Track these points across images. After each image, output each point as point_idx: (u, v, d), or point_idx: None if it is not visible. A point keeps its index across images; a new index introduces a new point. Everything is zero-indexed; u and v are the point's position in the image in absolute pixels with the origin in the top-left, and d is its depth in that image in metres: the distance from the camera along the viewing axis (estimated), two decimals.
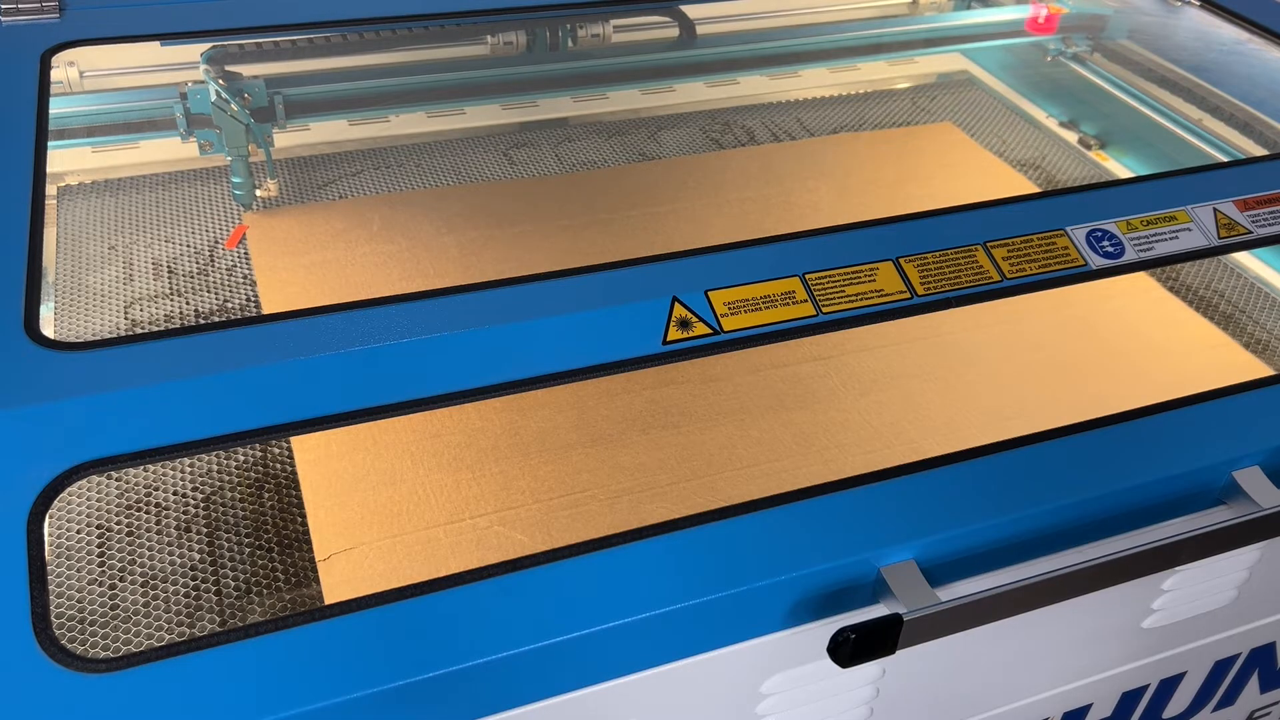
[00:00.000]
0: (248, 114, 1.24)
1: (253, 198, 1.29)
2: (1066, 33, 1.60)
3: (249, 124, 1.24)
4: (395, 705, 0.62)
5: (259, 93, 1.27)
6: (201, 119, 1.27)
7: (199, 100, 1.25)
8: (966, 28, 1.65)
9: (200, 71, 1.26)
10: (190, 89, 1.25)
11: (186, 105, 1.26)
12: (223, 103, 1.22)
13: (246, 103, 1.25)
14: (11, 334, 0.76)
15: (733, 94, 1.60)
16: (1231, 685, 1.02)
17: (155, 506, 0.92)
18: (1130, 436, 0.80)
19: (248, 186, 1.28)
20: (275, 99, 1.28)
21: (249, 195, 1.28)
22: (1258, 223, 0.98)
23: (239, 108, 1.23)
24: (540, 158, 1.43)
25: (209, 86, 1.24)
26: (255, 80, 1.28)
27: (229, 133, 1.25)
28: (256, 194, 1.29)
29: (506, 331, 0.79)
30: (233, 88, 1.24)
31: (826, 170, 1.42)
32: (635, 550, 0.69)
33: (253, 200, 1.29)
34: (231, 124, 1.24)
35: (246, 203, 1.28)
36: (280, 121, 1.30)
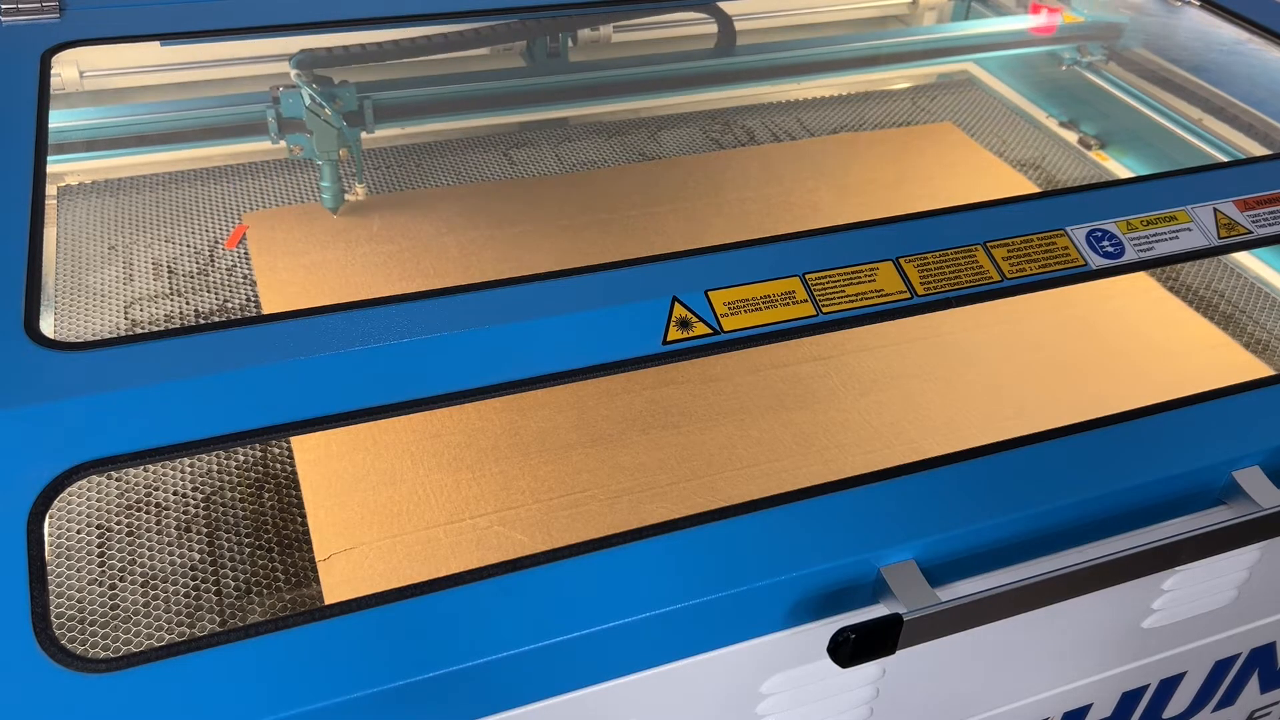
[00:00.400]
0: (340, 118, 1.24)
1: (340, 201, 1.29)
2: (1080, 40, 1.60)
3: (341, 128, 1.24)
4: (395, 705, 0.62)
5: (350, 97, 1.28)
6: (293, 123, 1.28)
7: (291, 104, 1.26)
8: (980, 37, 1.64)
9: (292, 76, 1.27)
10: (283, 93, 1.26)
11: (278, 109, 1.26)
12: (317, 107, 1.23)
13: (338, 107, 1.25)
14: (11, 334, 0.76)
15: (733, 94, 1.60)
16: (1231, 685, 1.02)
17: (155, 506, 0.92)
18: (1130, 436, 0.80)
19: (336, 190, 1.28)
20: (365, 103, 1.29)
21: (337, 199, 1.28)
22: (1258, 223, 0.98)
23: (333, 112, 1.23)
24: (540, 158, 1.43)
25: (302, 91, 1.25)
26: (346, 85, 1.29)
27: (321, 137, 1.25)
28: (345, 198, 1.29)
29: (506, 331, 0.79)
30: (326, 92, 1.25)
31: (826, 170, 1.42)
32: (635, 550, 0.69)
33: (340, 204, 1.28)
34: (324, 128, 1.24)
35: (334, 206, 1.28)
36: (369, 126, 1.30)
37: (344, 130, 1.25)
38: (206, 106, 1.32)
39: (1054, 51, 1.62)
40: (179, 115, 1.31)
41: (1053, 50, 1.62)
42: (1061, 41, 1.62)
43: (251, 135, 1.32)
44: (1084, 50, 1.59)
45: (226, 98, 1.33)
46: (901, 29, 1.75)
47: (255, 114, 1.29)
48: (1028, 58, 1.66)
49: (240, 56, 1.44)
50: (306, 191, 1.34)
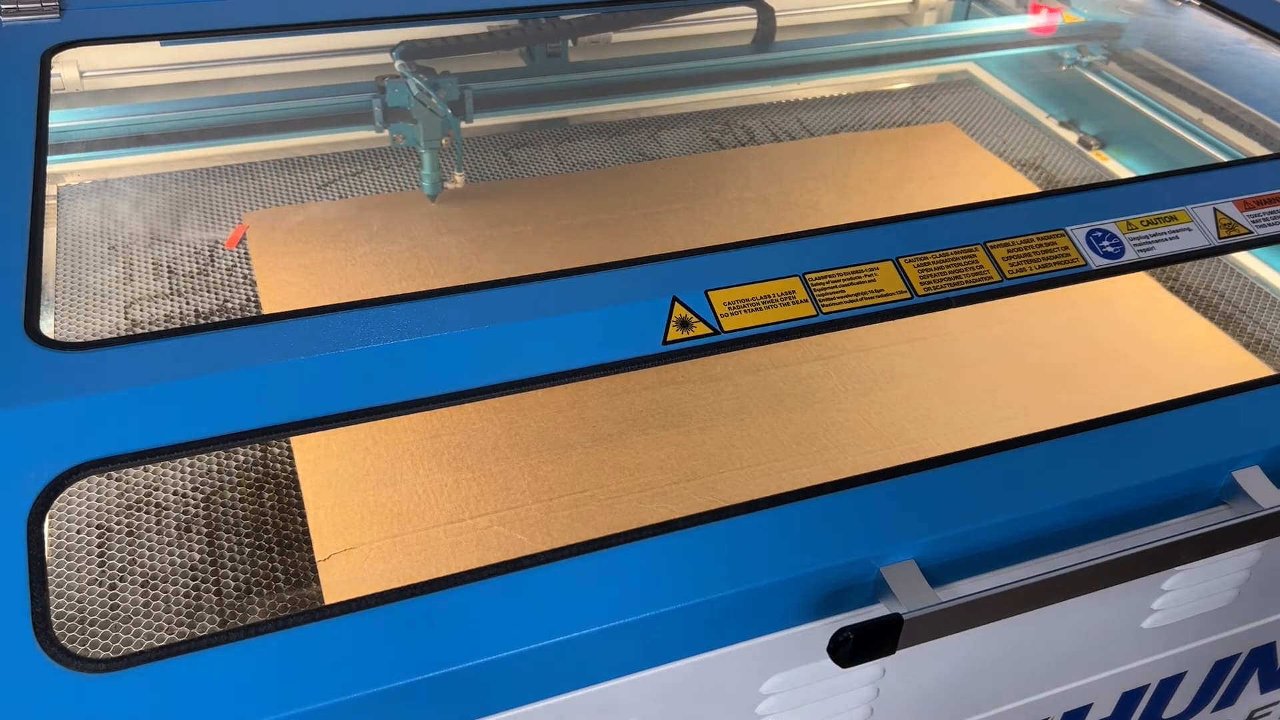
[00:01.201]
0: (446, 107, 1.26)
1: (440, 188, 1.31)
2: (1081, 40, 1.60)
3: (447, 116, 1.26)
4: (395, 705, 0.62)
5: (452, 87, 1.29)
6: (397, 113, 1.30)
7: (397, 94, 1.28)
8: (980, 37, 1.64)
9: (396, 67, 1.30)
10: (389, 83, 1.28)
11: (384, 99, 1.28)
12: (424, 96, 1.24)
13: (441, 96, 1.27)
14: (11, 334, 0.76)
15: (733, 94, 1.60)
16: (1231, 685, 1.02)
17: (155, 506, 0.92)
18: (1130, 436, 0.80)
19: (436, 178, 1.30)
20: (465, 93, 1.31)
21: (437, 186, 1.30)
22: (1258, 223, 0.98)
23: (439, 101, 1.25)
24: (540, 158, 1.43)
25: (408, 81, 1.26)
26: (449, 75, 1.31)
27: (427, 126, 1.26)
28: (445, 185, 1.31)
29: (506, 331, 0.79)
30: (431, 82, 1.27)
31: (826, 170, 1.42)
32: (635, 550, 0.69)
33: (438, 191, 1.31)
34: (430, 117, 1.26)
35: (434, 193, 1.30)
36: (469, 115, 1.32)
37: (449, 119, 1.26)
38: (295, 98, 1.35)
39: (1054, 51, 1.62)
40: (233, 110, 1.33)
41: (1053, 50, 1.62)
42: (1061, 41, 1.61)
43: (354, 125, 1.34)
44: (1084, 50, 1.59)
45: (326, 88, 1.36)
46: (902, 29, 1.74)
47: (360, 104, 1.32)
48: (1028, 58, 1.66)
49: (240, 56, 1.44)
50: (307, 191, 1.34)
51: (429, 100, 1.24)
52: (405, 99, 1.28)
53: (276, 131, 1.35)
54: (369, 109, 1.31)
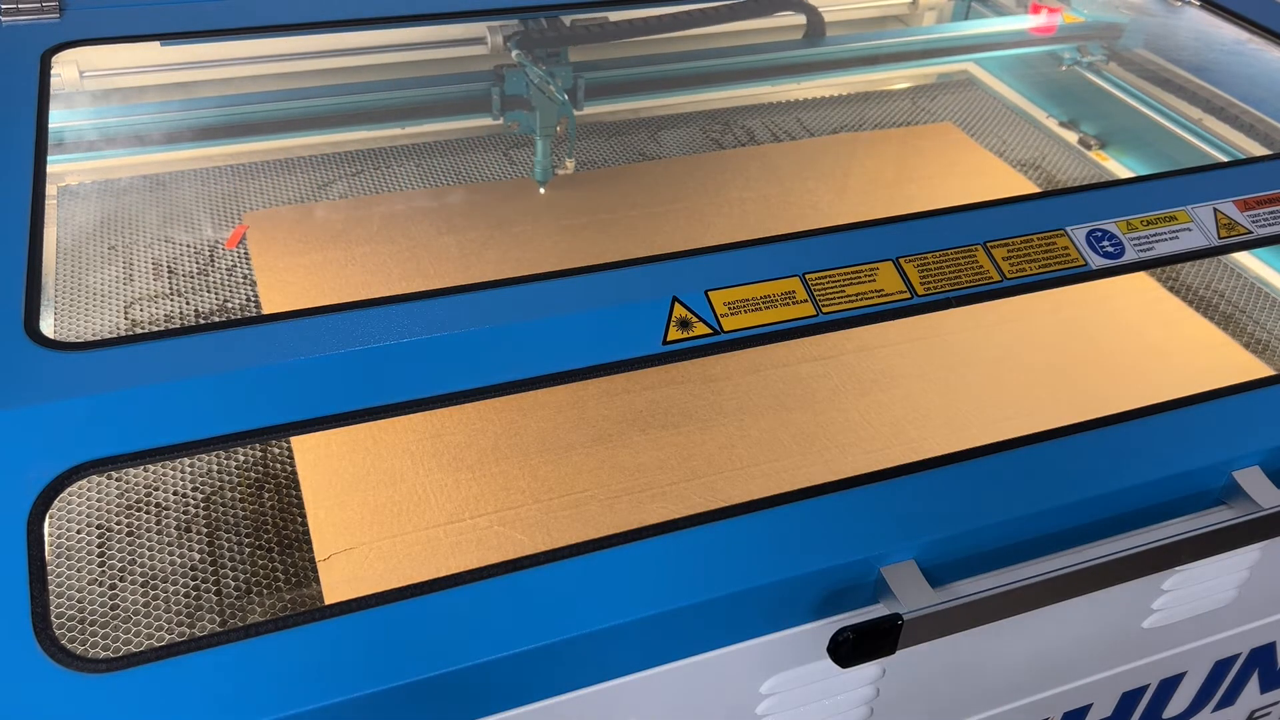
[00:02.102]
0: (563, 94, 1.28)
1: (550, 174, 1.33)
2: (1081, 40, 1.59)
3: (564, 103, 1.28)
4: (395, 705, 0.62)
5: (567, 76, 1.32)
6: (515, 100, 1.33)
7: (515, 82, 1.32)
8: (980, 37, 1.64)
9: (513, 56, 1.34)
10: (508, 72, 1.32)
11: (502, 88, 1.32)
12: (544, 84, 1.27)
13: (558, 85, 1.29)
14: (11, 334, 0.76)
15: (732, 94, 1.60)
16: (1231, 685, 1.02)
17: (155, 506, 0.92)
18: (1130, 436, 0.80)
19: (547, 164, 1.33)
20: (579, 82, 1.34)
21: (548, 172, 1.33)
22: (1258, 223, 0.98)
23: (556, 88, 1.27)
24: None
25: (526, 70, 1.30)
26: (563, 65, 1.34)
27: (544, 113, 1.29)
28: (555, 171, 1.34)
29: (506, 331, 0.79)
30: (549, 71, 1.29)
31: (826, 170, 1.42)
32: (635, 550, 0.69)
33: (549, 177, 1.33)
34: (548, 105, 1.28)
35: (544, 179, 1.33)
36: (580, 103, 1.35)
37: (565, 106, 1.28)
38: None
39: (1054, 51, 1.61)
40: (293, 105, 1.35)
41: (1053, 50, 1.61)
42: (1062, 41, 1.61)
43: (466, 113, 1.38)
44: (1084, 50, 1.59)
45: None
46: (902, 29, 1.74)
47: (478, 91, 1.35)
48: (1028, 58, 1.66)
49: (240, 56, 1.44)
50: (307, 191, 1.34)
51: (547, 88, 1.26)
52: (523, 87, 1.31)
53: (280, 131, 1.36)
54: (372, 109, 1.32)
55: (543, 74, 1.28)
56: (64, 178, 1.32)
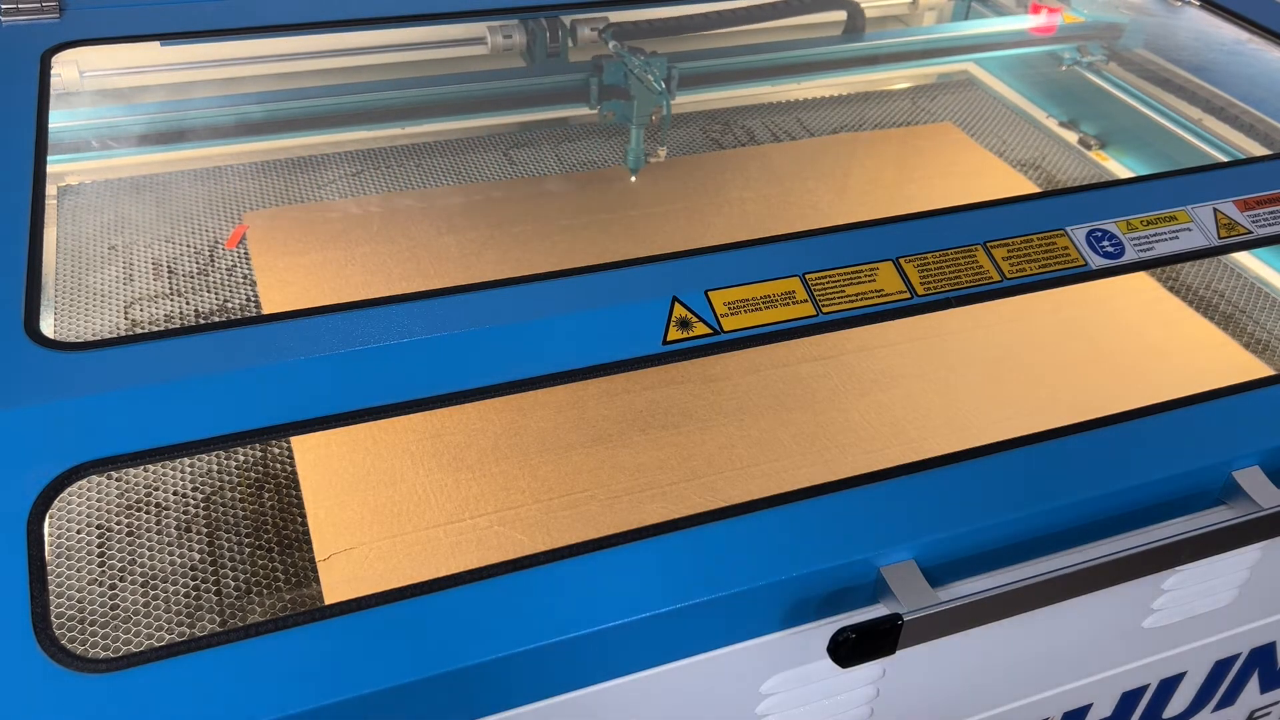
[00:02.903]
0: (661, 84, 1.31)
1: (643, 163, 1.36)
2: (1081, 40, 1.60)
3: (663, 93, 1.31)
4: (396, 705, 0.62)
5: (662, 66, 1.35)
6: (612, 90, 1.37)
7: (613, 73, 1.36)
8: (980, 37, 1.64)
9: (610, 47, 1.39)
10: (607, 63, 1.36)
11: (600, 78, 1.36)
12: (642, 74, 1.31)
13: (655, 74, 1.32)
14: (11, 334, 0.76)
15: (732, 94, 1.60)
16: (1231, 685, 1.02)
17: (155, 506, 0.92)
18: (1130, 436, 0.80)
19: (640, 152, 1.36)
20: (673, 72, 1.37)
21: (640, 160, 1.36)
22: (1258, 223, 0.98)
23: (654, 78, 1.30)
24: (540, 158, 1.43)
25: (625, 60, 1.34)
26: (658, 56, 1.37)
27: (641, 102, 1.32)
28: (647, 160, 1.37)
29: (506, 331, 0.79)
30: (646, 62, 1.34)
31: (826, 170, 1.42)
32: (635, 550, 0.69)
33: (641, 165, 1.36)
34: (646, 94, 1.31)
35: (636, 167, 1.36)
36: (672, 93, 1.37)
37: (662, 95, 1.31)
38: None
39: (1054, 51, 1.62)
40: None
41: (1053, 50, 1.61)
42: (1062, 41, 1.61)
43: (563, 104, 1.42)
44: (1084, 50, 1.59)
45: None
46: (902, 29, 1.74)
47: (575, 83, 1.39)
48: (1028, 58, 1.66)
49: (240, 56, 1.44)
50: (307, 191, 1.34)
51: (646, 78, 1.29)
52: (620, 77, 1.35)
53: (284, 131, 1.37)
54: (464, 99, 1.35)
55: (641, 64, 1.32)
56: (64, 178, 1.32)
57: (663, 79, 1.33)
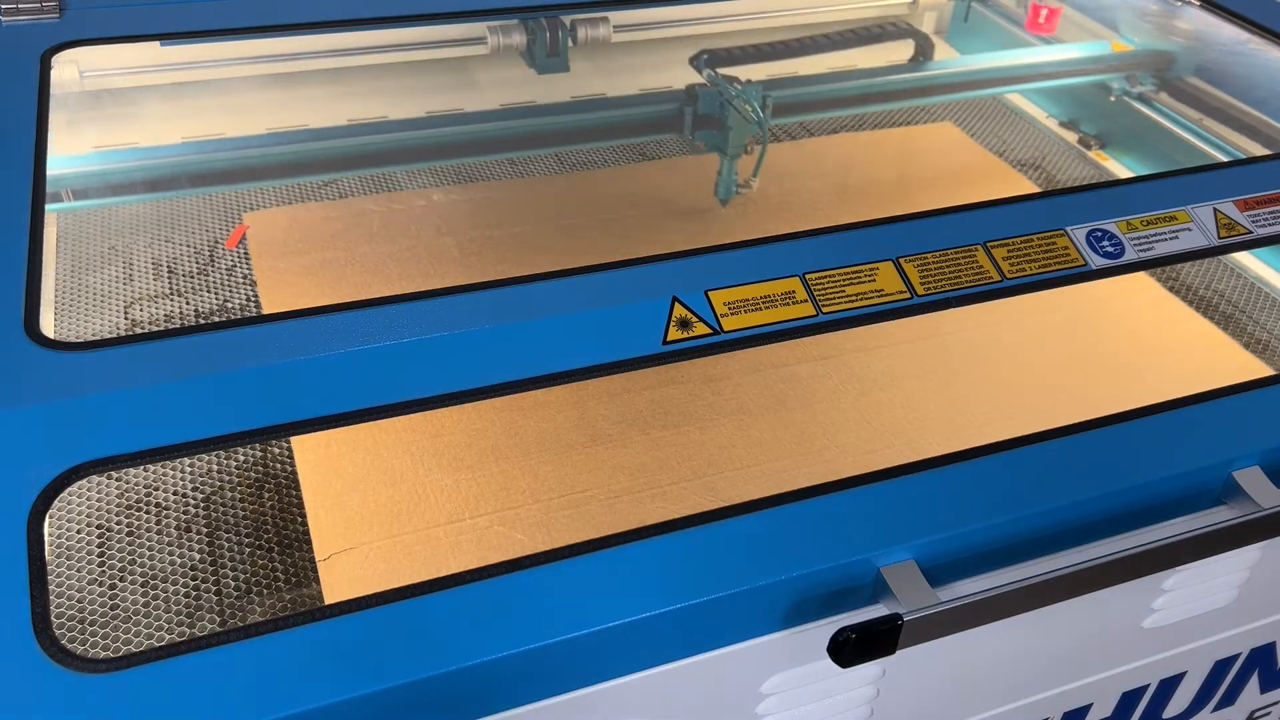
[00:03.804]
0: (758, 113, 1.27)
1: (733, 193, 1.33)
2: (1131, 70, 1.51)
3: (760, 122, 1.27)
4: (395, 705, 0.62)
5: (756, 94, 1.30)
6: (706, 120, 1.32)
7: (708, 102, 1.31)
8: (1026, 67, 1.55)
9: (703, 76, 1.34)
10: (701, 92, 1.31)
11: (695, 107, 1.31)
12: (740, 104, 1.27)
13: (753, 104, 1.29)
14: (11, 334, 0.76)
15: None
16: (1231, 685, 1.02)
17: (155, 506, 0.92)
18: (1130, 436, 0.80)
19: (732, 182, 1.33)
20: (767, 100, 1.31)
21: (731, 190, 1.33)
22: (1258, 223, 0.98)
23: (752, 108, 1.26)
24: (540, 157, 1.43)
25: (720, 89, 1.30)
26: (753, 84, 1.32)
27: (737, 132, 1.28)
28: (737, 190, 1.33)
29: (506, 331, 0.79)
30: (743, 91, 1.29)
31: (826, 170, 1.42)
32: (635, 550, 0.69)
33: (732, 195, 1.33)
34: (741, 124, 1.27)
35: (726, 198, 1.33)
36: (767, 121, 1.33)
37: (760, 123, 1.27)
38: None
39: (1103, 82, 1.53)
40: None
41: (1102, 80, 1.53)
42: (1111, 71, 1.53)
43: (654, 133, 1.36)
44: (1134, 80, 1.52)
45: (618, 99, 1.38)
46: (943, 60, 1.66)
47: (668, 113, 1.34)
48: (1074, 88, 1.58)
49: (240, 56, 1.44)
50: (307, 191, 1.34)
51: (744, 107, 1.26)
52: (715, 106, 1.30)
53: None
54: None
55: (739, 92, 1.28)
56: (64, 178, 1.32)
57: (760, 107, 1.29)
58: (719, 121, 1.32)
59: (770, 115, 1.32)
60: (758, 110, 1.27)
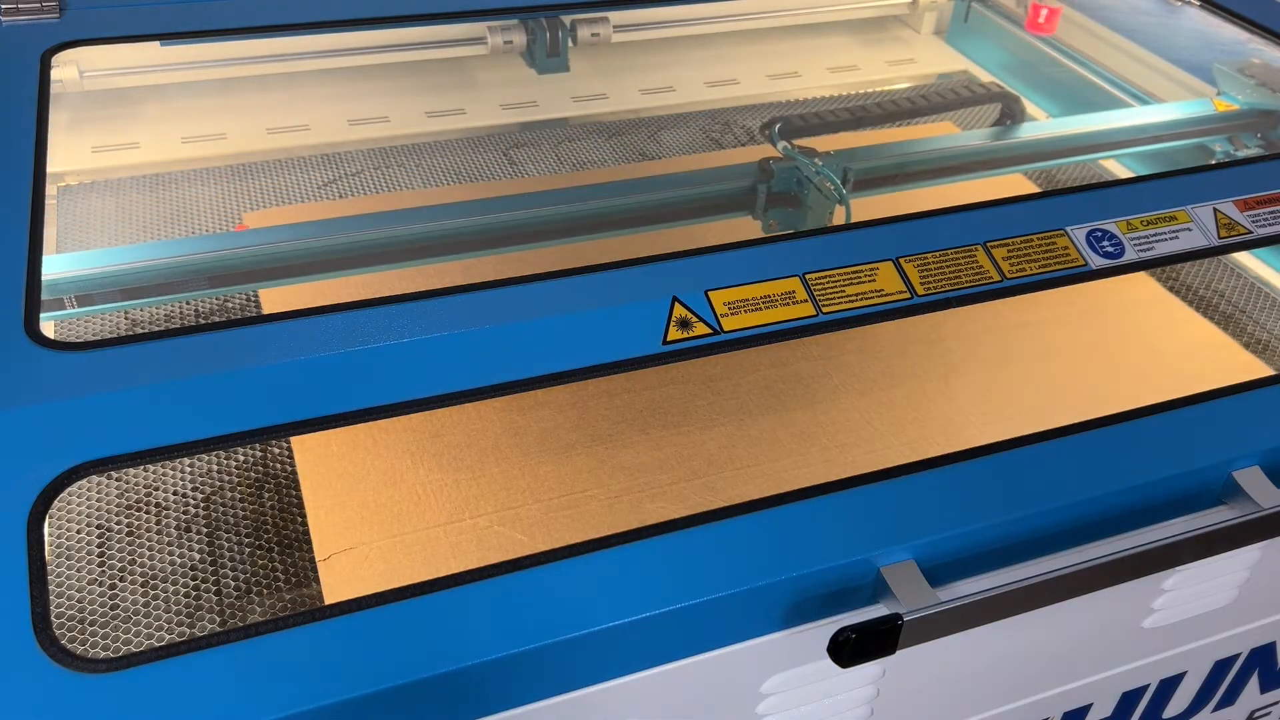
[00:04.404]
0: (843, 189, 1.17)
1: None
2: (1233, 131, 1.39)
3: (843, 198, 1.16)
4: (395, 705, 0.62)
5: (837, 168, 1.20)
6: (782, 197, 1.21)
7: (785, 178, 1.20)
8: (1122, 131, 1.41)
9: (778, 149, 1.23)
10: (776, 167, 1.20)
11: (770, 184, 1.20)
12: (821, 180, 1.17)
13: (832, 179, 1.19)
14: (11, 334, 0.76)
15: (733, 94, 1.60)
16: (1231, 685, 1.02)
17: (155, 506, 0.92)
18: (1130, 436, 0.80)
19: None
20: (848, 173, 1.21)
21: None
22: (1258, 223, 0.98)
23: (835, 184, 1.16)
24: (540, 158, 1.43)
25: (799, 164, 1.20)
26: (831, 155, 1.23)
27: (817, 210, 1.18)
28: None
29: (506, 331, 0.79)
30: (824, 166, 1.19)
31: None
32: (635, 550, 0.69)
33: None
34: (822, 201, 1.17)
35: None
36: (847, 196, 1.21)
37: (844, 199, 1.16)
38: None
39: (1205, 144, 1.41)
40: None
41: (1203, 143, 1.41)
42: (1214, 133, 1.40)
43: (723, 213, 1.21)
44: (1237, 142, 1.40)
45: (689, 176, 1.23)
46: (1029, 123, 1.55)
47: (735, 191, 1.21)
48: (1173, 151, 1.43)
49: (240, 56, 1.44)
50: (306, 191, 1.34)
51: (825, 185, 1.16)
52: (791, 183, 1.20)
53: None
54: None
55: (819, 168, 1.17)
56: (64, 178, 1.33)
57: (840, 181, 1.18)
58: (796, 199, 1.21)
59: (852, 190, 1.20)
60: (839, 187, 1.17)
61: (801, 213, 1.20)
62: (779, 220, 1.21)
